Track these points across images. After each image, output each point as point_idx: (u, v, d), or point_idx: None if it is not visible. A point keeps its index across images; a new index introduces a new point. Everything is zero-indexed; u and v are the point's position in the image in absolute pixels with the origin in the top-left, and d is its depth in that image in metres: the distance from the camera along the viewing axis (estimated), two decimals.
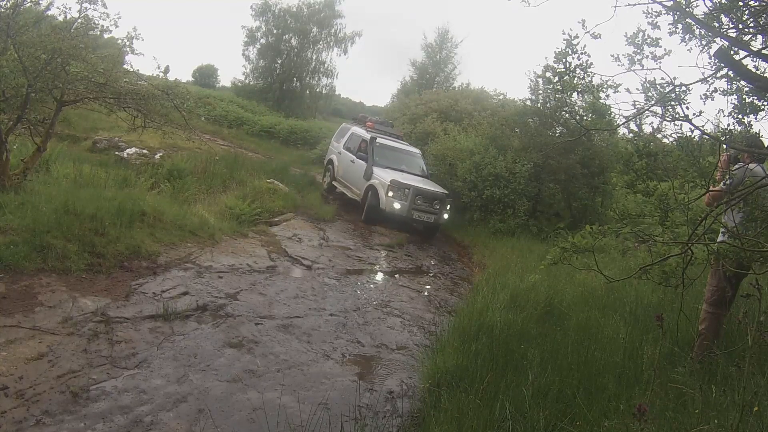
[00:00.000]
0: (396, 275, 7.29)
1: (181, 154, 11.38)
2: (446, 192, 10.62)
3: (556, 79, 3.24)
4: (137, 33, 6.64)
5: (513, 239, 10.43)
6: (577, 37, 3.07)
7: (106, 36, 7.49)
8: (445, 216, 10.42)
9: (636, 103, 3.14)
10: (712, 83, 2.95)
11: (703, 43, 2.90)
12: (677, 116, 2.94)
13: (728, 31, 2.87)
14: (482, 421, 2.91)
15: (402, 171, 10.84)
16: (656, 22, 2.90)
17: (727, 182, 3.18)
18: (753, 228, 2.98)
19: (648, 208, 3.38)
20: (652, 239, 3.17)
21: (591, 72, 3.14)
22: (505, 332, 4.31)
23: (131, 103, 6.87)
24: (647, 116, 3.58)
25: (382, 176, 10.25)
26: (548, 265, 3.31)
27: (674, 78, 2.91)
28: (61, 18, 6.69)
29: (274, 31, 31.46)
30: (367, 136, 11.33)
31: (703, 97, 2.95)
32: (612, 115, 4.92)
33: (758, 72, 2.83)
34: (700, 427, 2.32)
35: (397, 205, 9.83)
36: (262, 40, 31.65)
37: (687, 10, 2.82)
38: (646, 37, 2.92)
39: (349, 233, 9.25)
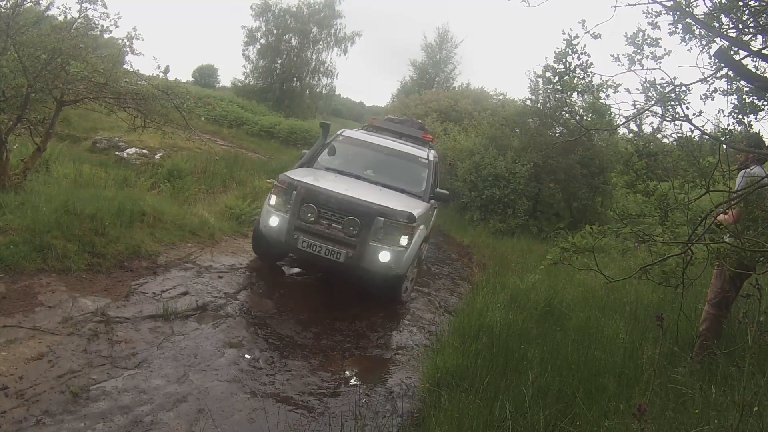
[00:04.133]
0: None
1: (181, 154, 11.39)
2: (393, 209, 5.34)
3: (556, 79, 3.24)
4: (137, 33, 6.65)
5: (513, 239, 10.44)
6: (577, 37, 3.07)
7: (106, 36, 7.49)
8: (385, 256, 5.20)
9: (636, 103, 3.14)
10: (712, 83, 2.95)
11: (703, 43, 2.90)
12: (677, 116, 2.94)
13: (728, 31, 2.87)
14: (482, 421, 2.91)
15: (359, 178, 6.24)
16: (656, 22, 2.90)
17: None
18: (753, 228, 2.97)
19: (648, 208, 3.38)
20: (652, 239, 3.17)
21: (591, 72, 3.14)
22: (505, 332, 4.31)
23: (131, 103, 6.87)
24: (647, 116, 3.59)
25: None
26: (548, 265, 3.31)
27: (674, 78, 2.91)
28: (61, 18, 6.70)
29: (274, 31, 31.47)
30: (354, 135, 7.17)
31: (703, 97, 2.95)
32: (612, 115, 4.91)
33: (758, 72, 2.83)
34: (700, 427, 2.32)
35: (273, 221, 5.46)
36: (262, 40, 31.67)
37: (687, 10, 2.81)
38: (646, 37, 2.92)
39: None
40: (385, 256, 5.19)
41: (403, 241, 5.31)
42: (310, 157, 6.73)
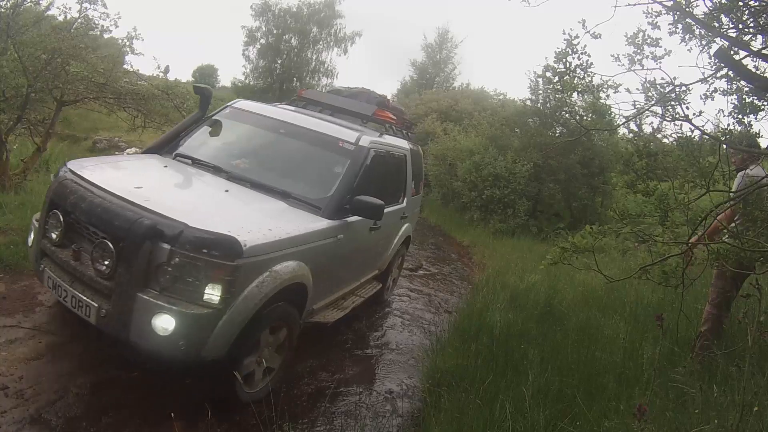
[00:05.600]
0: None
1: None
2: (191, 229, 2.71)
3: (556, 79, 3.24)
4: (137, 33, 6.67)
5: (513, 239, 10.44)
6: (577, 37, 3.07)
7: (106, 36, 7.52)
8: (166, 324, 2.62)
9: (636, 103, 3.15)
10: (712, 83, 2.95)
11: (703, 43, 2.90)
12: (677, 116, 2.94)
13: (728, 31, 2.87)
14: (482, 421, 2.91)
15: (218, 172, 3.85)
16: (656, 22, 2.90)
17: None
18: (753, 228, 2.97)
19: (648, 208, 3.38)
20: (652, 239, 3.17)
21: (591, 72, 3.14)
22: (505, 332, 4.31)
23: (131, 103, 6.88)
24: (647, 116, 3.59)
25: None
26: (548, 265, 3.31)
27: (674, 78, 2.91)
28: (61, 18, 6.72)
29: (274, 31, 31.56)
30: (249, 107, 4.72)
31: (703, 97, 2.95)
32: (612, 115, 4.92)
33: (758, 72, 2.83)
34: (700, 427, 2.32)
35: (30, 238, 3.45)
36: (262, 40, 31.75)
37: (687, 10, 2.82)
38: (646, 37, 2.92)
39: None
40: (165, 324, 2.63)
41: (213, 294, 2.69)
42: (169, 136, 4.35)
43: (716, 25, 2.83)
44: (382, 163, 4.55)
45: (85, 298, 2.85)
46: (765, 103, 2.78)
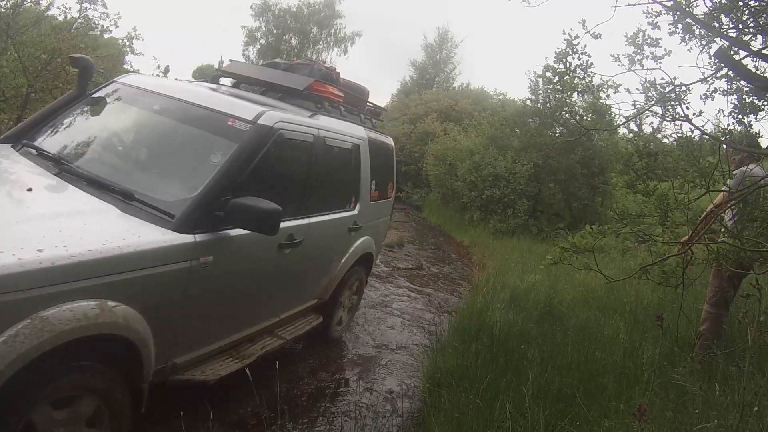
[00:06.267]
0: (395, 275, 7.29)
1: None
2: None
3: (556, 79, 3.25)
4: (137, 33, 6.68)
5: (513, 239, 10.43)
6: (577, 37, 3.08)
7: (106, 36, 7.52)
8: None
9: (636, 103, 3.15)
10: (712, 83, 2.95)
11: (703, 43, 2.90)
12: (677, 116, 2.94)
13: (728, 31, 2.87)
14: (482, 421, 2.91)
15: (58, 166, 2.78)
16: (656, 22, 2.90)
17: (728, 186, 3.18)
18: (753, 228, 2.97)
19: (648, 208, 3.38)
20: (652, 239, 3.17)
21: (591, 72, 3.15)
22: (505, 332, 4.31)
23: None
24: (647, 116, 3.59)
25: None
26: (548, 265, 3.31)
27: (674, 78, 2.91)
28: (61, 18, 6.73)
29: (274, 31, 31.60)
30: (138, 82, 3.58)
31: (703, 97, 2.95)
32: (612, 115, 4.92)
33: (758, 72, 2.83)
34: (700, 427, 2.32)
35: None
36: (262, 40, 31.78)
37: (687, 10, 2.82)
38: (646, 37, 2.93)
39: None
40: None
41: None
42: (34, 120, 3.40)
43: (716, 25, 2.83)
44: (307, 152, 3.42)
45: None
46: (765, 103, 2.78)
